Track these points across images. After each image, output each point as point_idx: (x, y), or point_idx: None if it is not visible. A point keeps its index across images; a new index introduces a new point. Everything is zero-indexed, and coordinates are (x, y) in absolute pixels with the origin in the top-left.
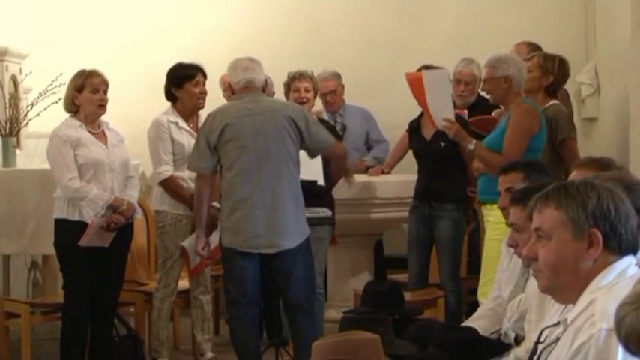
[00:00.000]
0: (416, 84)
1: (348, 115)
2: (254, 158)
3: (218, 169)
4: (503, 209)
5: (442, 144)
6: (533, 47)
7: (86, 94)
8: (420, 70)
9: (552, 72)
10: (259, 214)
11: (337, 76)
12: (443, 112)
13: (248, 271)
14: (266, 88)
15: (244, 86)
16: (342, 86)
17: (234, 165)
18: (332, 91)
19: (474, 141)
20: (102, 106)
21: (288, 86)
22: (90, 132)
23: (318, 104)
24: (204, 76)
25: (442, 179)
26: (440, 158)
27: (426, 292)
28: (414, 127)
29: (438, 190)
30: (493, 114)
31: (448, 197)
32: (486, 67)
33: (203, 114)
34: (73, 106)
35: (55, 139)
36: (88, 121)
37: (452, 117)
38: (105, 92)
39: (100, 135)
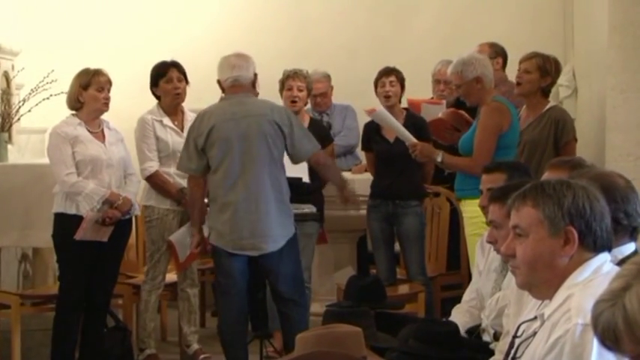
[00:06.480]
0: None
1: (333, 114)
2: (238, 162)
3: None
4: (483, 207)
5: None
6: (497, 48)
7: (92, 91)
8: None
9: (551, 74)
10: (243, 217)
11: (328, 77)
12: (403, 138)
13: (235, 265)
14: (255, 83)
15: (231, 85)
16: (332, 87)
17: (220, 168)
18: (322, 93)
19: (440, 153)
20: (106, 104)
21: (282, 84)
22: (89, 130)
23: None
24: (180, 71)
25: (405, 178)
26: (404, 158)
27: (407, 287)
28: (373, 128)
29: (402, 188)
30: (440, 114)
31: (412, 194)
32: (453, 75)
33: (189, 111)
34: (77, 102)
35: (53, 136)
36: (90, 118)
37: (412, 140)
38: (109, 91)
39: (99, 134)
